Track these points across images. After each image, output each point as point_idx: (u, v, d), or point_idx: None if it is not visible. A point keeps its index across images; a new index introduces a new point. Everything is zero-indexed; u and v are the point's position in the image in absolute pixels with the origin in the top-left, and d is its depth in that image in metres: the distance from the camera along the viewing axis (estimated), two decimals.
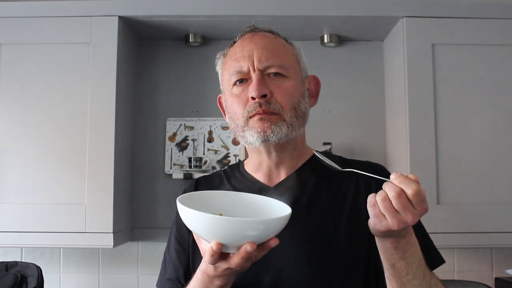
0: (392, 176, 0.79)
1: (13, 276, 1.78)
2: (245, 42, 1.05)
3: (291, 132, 1.01)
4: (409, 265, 0.88)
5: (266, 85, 1.00)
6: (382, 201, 0.78)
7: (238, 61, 1.03)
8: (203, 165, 2.13)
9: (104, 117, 1.87)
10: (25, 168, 1.86)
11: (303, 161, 1.10)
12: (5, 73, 1.90)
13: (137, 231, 2.17)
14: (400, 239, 0.86)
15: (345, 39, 2.23)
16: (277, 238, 0.79)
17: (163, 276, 1.13)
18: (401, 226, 0.79)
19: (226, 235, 0.75)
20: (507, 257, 2.14)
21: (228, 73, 1.05)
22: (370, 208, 0.81)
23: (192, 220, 0.78)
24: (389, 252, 0.87)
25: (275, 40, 1.06)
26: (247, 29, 1.09)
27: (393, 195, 0.77)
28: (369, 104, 2.23)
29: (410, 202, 0.77)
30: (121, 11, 1.92)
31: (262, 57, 1.01)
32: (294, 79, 1.03)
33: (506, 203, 1.84)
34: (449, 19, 1.91)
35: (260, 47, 1.02)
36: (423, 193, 0.78)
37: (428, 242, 1.05)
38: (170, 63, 2.26)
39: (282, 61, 1.02)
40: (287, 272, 0.99)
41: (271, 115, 0.99)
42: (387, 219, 0.79)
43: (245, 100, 1.01)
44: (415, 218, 0.78)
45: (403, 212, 0.78)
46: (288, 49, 1.07)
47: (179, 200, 0.81)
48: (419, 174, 1.96)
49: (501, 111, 1.90)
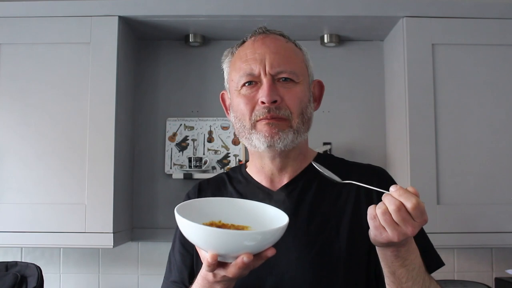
0: (391, 189, 0.80)
1: (13, 276, 1.78)
2: (256, 44, 1.04)
3: (296, 138, 1.02)
4: (409, 272, 0.89)
5: (277, 91, 1.00)
6: (382, 215, 0.79)
7: (249, 63, 1.02)
8: (203, 165, 2.13)
9: (104, 117, 1.87)
10: (25, 168, 1.86)
11: (306, 164, 1.10)
12: (5, 73, 1.90)
13: (137, 231, 2.17)
14: (401, 248, 0.86)
15: (345, 39, 2.23)
16: (274, 248, 0.79)
17: (168, 278, 1.13)
18: (401, 238, 0.80)
19: (222, 246, 0.76)
20: (507, 257, 2.14)
21: (238, 74, 1.04)
22: (371, 221, 0.82)
23: (188, 231, 0.79)
24: (390, 260, 0.88)
25: (287, 45, 1.06)
26: (259, 30, 1.08)
27: (393, 208, 0.78)
28: (369, 104, 2.23)
29: (410, 215, 0.78)
30: (121, 11, 1.92)
31: (274, 62, 1.01)
32: (303, 85, 1.04)
33: (506, 203, 1.84)
34: (449, 19, 1.91)
35: (273, 51, 1.02)
36: (422, 206, 0.79)
37: (427, 245, 1.05)
38: (170, 63, 2.26)
39: (293, 67, 1.03)
40: (289, 275, 0.99)
41: (280, 120, 1.00)
42: (388, 231, 0.80)
43: (253, 102, 1.01)
44: (415, 230, 0.79)
45: (403, 225, 0.79)
46: (298, 54, 1.08)
47: (177, 210, 0.81)
48: (419, 174, 1.96)
49: (501, 111, 1.90)
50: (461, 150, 1.87)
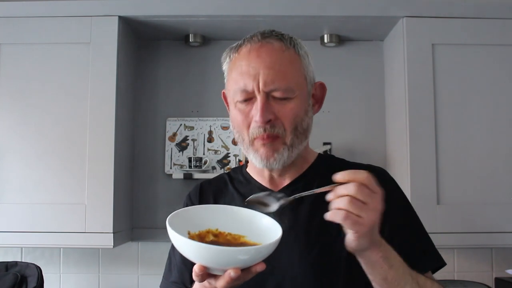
0: (338, 176, 0.80)
1: (13, 276, 1.78)
2: (251, 56, 1.00)
3: (292, 152, 1.01)
4: (398, 272, 0.88)
5: (270, 109, 0.98)
6: (351, 204, 0.78)
7: (243, 77, 1.00)
8: (203, 165, 2.13)
9: (104, 117, 1.87)
10: (25, 168, 1.86)
11: (308, 165, 1.10)
12: (5, 73, 1.90)
13: (137, 231, 2.17)
14: (382, 247, 0.86)
15: (345, 39, 2.23)
16: (263, 263, 0.79)
17: (168, 278, 1.13)
18: (377, 215, 0.79)
19: (209, 260, 0.77)
20: (507, 257, 2.14)
21: (233, 87, 1.03)
22: (346, 222, 0.80)
23: (176, 244, 0.80)
24: (379, 265, 0.87)
25: (283, 55, 1.01)
26: (255, 38, 1.02)
27: (353, 189, 0.78)
28: (369, 104, 2.23)
29: (368, 187, 0.78)
30: (121, 11, 1.92)
31: (268, 79, 0.98)
32: (299, 98, 1.01)
33: (506, 203, 1.84)
34: (449, 19, 1.91)
35: (267, 65, 0.98)
36: (370, 175, 0.79)
37: (429, 245, 1.04)
38: (170, 63, 2.26)
39: (288, 83, 0.99)
40: (290, 275, 0.99)
41: (274, 139, 0.99)
42: (365, 216, 0.78)
43: (249, 119, 1.00)
44: (375, 211, 0.79)
45: (373, 200, 0.78)
46: (296, 63, 1.03)
47: (168, 221, 0.82)
48: (419, 174, 1.95)
49: (501, 111, 1.90)
50: (461, 150, 1.87)
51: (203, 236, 0.90)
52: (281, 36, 1.03)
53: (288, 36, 1.04)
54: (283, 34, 1.05)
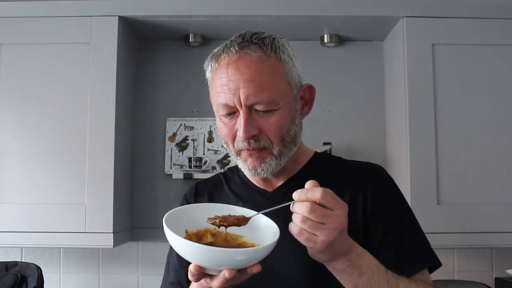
0: (295, 195, 0.80)
1: (13, 276, 1.78)
2: (230, 70, 0.97)
3: (280, 161, 1.00)
4: (370, 278, 0.86)
5: (254, 124, 0.96)
6: (304, 222, 0.77)
7: (224, 91, 0.97)
8: (203, 165, 2.13)
9: (104, 117, 1.87)
10: (25, 168, 1.86)
11: (303, 164, 1.10)
12: (5, 73, 1.90)
13: (137, 231, 2.17)
14: (348, 255, 0.85)
15: (345, 39, 2.23)
16: (259, 265, 0.79)
17: (166, 279, 1.14)
18: (335, 234, 0.78)
19: (203, 261, 0.78)
20: (507, 257, 2.14)
21: (215, 100, 1.02)
22: (299, 237, 0.80)
23: (172, 242, 0.81)
24: (347, 274, 0.86)
25: (263, 66, 0.96)
26: (233, 49, 0.99)
27: (307, 210, 0.77)
28: (369, 104, 2.23)
29: (325, 207, 0.78)
30: (121, 11, 1.92)
31: (250, 92, 0.94)
32: (283, 108, 0.98)
33: (506, 203, 1.84)
34: (449, 19, 1.91)
35: (247, 78, 0.94)
36: (330, 191, 0.78)
37: (424, 244, 1.03)
38: (170, 63, 2.26)
39: (270, 95, 0.95)
40: (285, 275, 0.99)
41: (260, 151, 0.98)
42: (319, 235, 0.78)
43: (233, 132, 0.99)
44: (340, 218, 0.78)
45: (327, 220, 0.77)
46: (278, 72, 0.97)
47: (165, 220, 0.82)
48: (419, 174, 1.95)
49: (501, 111, 1.90)
50: (461, 150, 1.87)
51: (201, 235, 0.90)
52: (261, 43, 0.98)
53: (269, 39, 0.99)
54: (264, 37, 0.99)
